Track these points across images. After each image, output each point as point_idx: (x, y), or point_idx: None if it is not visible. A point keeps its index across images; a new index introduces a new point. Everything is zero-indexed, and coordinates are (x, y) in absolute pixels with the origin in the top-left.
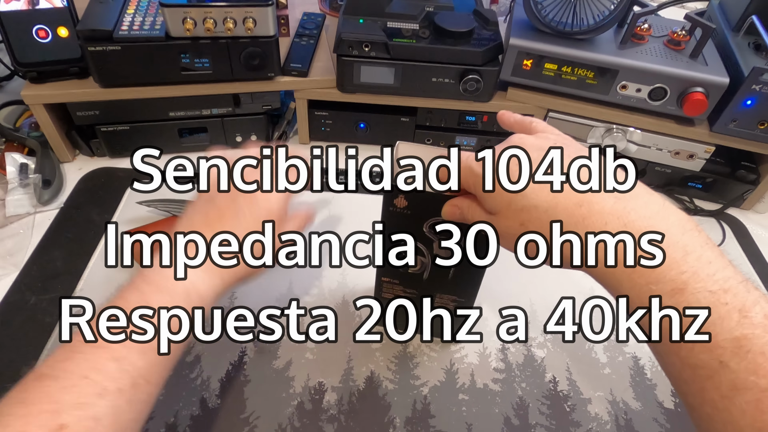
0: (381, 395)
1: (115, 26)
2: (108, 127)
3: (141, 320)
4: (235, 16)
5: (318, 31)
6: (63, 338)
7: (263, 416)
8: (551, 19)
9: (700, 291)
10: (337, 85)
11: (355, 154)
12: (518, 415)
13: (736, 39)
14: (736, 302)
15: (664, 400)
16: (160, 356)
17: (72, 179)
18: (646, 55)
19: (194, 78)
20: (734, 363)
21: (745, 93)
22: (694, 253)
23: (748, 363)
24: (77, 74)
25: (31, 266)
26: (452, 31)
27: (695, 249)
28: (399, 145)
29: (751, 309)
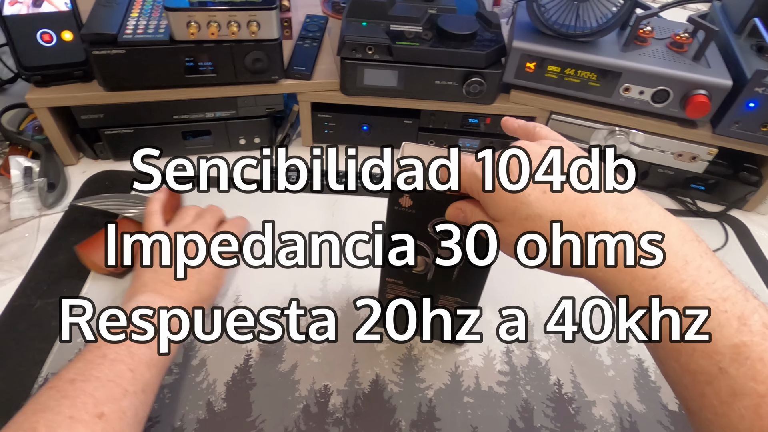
0: (386, 398)
1: (119, 30)
2: (112, 130)
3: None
4: (239, 19)
5: (321, 33)
6: (63, 338)
7: (269, 419)
8: (554, 21)
9: (699, 299)
10: (340, 88)
11: (355, 155)
12: (523, 417)
13: (739, 41)
14: (735, 310)
15: (668, 402)
16: (158, 369)
17: (76, 182)
18: (648, 57)
19: (198, 81)
20: (733, 369)
21: (747, 95)
22: (694, 263)
23: (747, 369)
24: (81, 78)
25: (36, 270)
26: (455, 33)
27: (695, 258)
28: (405, 146)
29: (749, 317)
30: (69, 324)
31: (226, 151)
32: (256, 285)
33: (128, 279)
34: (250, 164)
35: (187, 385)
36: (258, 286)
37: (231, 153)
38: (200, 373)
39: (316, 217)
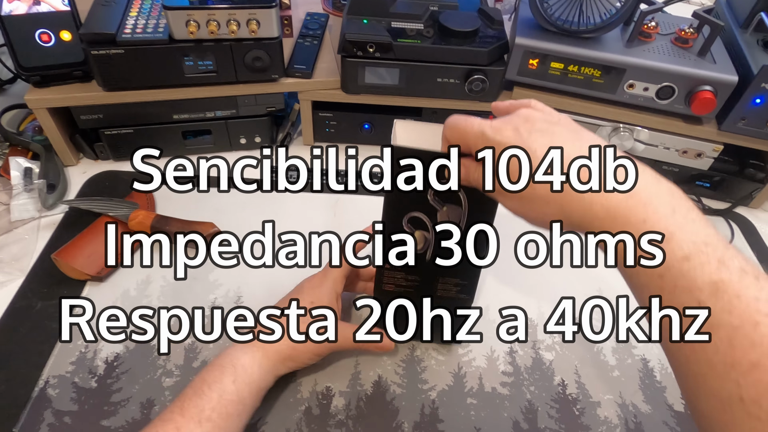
0: (389, 400)
1: (118, 29)
2: (112, 131)
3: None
4: (239, 18)
5: (322, 31)
6: (63, 338)
7: (270, 422)
8: (557, 17)
9: (684, 241)
10: (341, 87)
11: (355, 155)
12: (527, 419)
13: (745, 36)
14: (716, 253)
15: (674, 403)
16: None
17: (76, 183)
18: (653, 53)
19: (198, 80)
20: (711, 303)
21: (754, 91)
22: (680, 212)
23: (724, 304)
24: (81, 78)
25: (36, 271)
26: (457, 30)
27: (681, 209)
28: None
29: (729, 260)
30: (69, 324)
31: (227, 151)
32: (256, 285)
33: (122, 279)
34: (250, 164)
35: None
36: (258, 286)
37: (232, 152)
38: None
39: (316, 216)
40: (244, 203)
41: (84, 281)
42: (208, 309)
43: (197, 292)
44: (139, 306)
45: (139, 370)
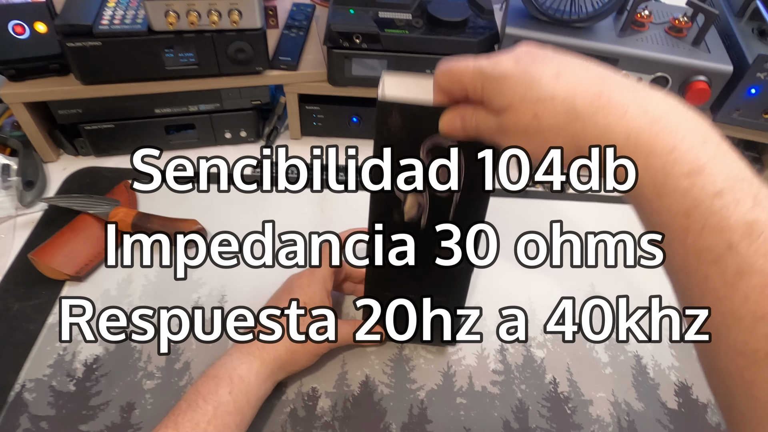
0: (376, 400)
1: (95, 20)
2: (92, 126)
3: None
4: (220, 8)
5: (308, 22)
6: (63, 338)
7: (255, 425)
8: (549, 6)
9: (717, 175)
10: (328, 79)
11: (355, 155)
12: (518, 418)
13: (740, 25)
14: (751, 190)
15: (667, 400)
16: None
17: (56, 180)
18: (646, 42)
19: (179, 73)
20: (744, 246)
21: (749, 81)
22: (712, 143)
23: (758, 246)
24: (58, 71)
25: (13, 272)
26: (446, 20)
27: (713, 139)
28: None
29: (765, 199)
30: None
31: (211, 146)
32: (256, 285)
33: (111, 280)
34: (250, 164)
35: (170, 389)
36: (258, 286)
37: (217, 147)
38: (183, 377)
39: (302, 213)
40: (228, 200)
41: (63, 281)
42: (190, 309)
43: (179, 291)
44: (115, 305)
45: (119, 372)
